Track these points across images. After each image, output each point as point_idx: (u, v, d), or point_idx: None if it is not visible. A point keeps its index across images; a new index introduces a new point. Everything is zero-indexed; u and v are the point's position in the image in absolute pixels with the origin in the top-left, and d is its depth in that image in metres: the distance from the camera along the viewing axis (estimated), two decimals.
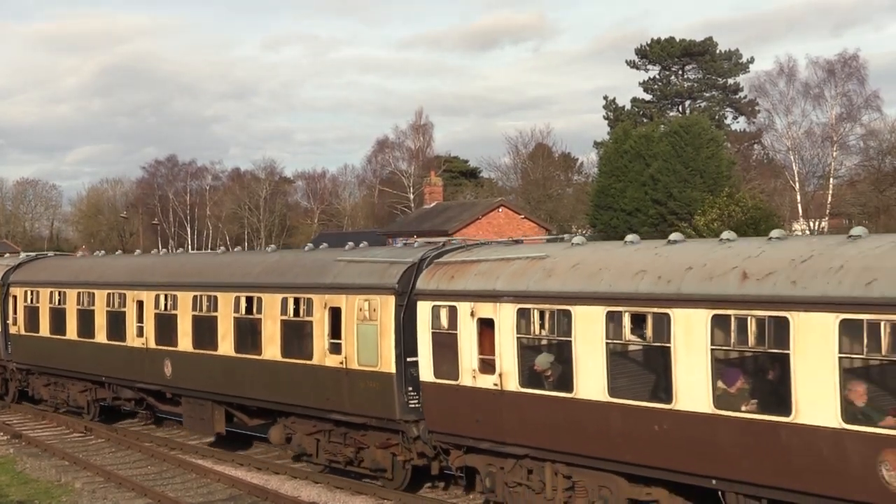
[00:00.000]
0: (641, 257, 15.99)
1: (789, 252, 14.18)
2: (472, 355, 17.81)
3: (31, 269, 33.09)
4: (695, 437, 14.61)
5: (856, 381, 12.92)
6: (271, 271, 23.19)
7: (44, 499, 21.58)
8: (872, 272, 12.76)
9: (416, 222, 74.62)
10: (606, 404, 15.68)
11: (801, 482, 13.44)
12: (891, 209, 70.62)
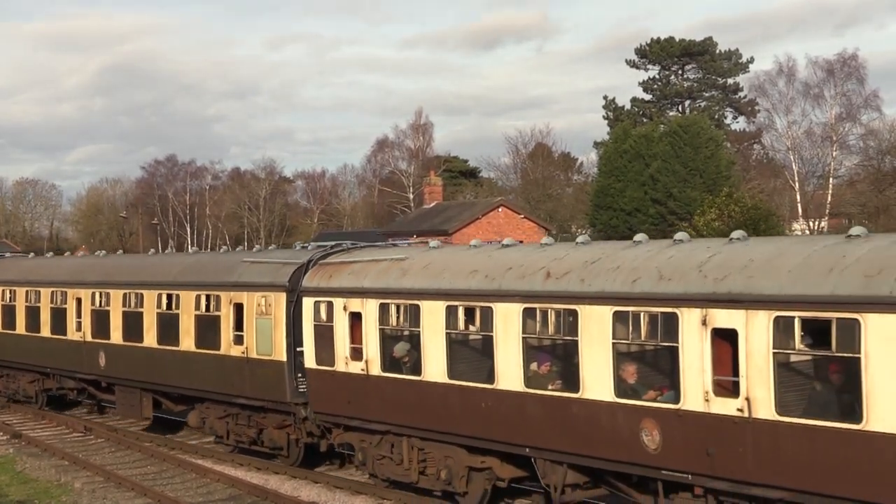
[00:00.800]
0: (476, 259, 18.64)
1: (584, 255, 16.83)
2: (344, 344, 20.35)
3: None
4: (511, 413, 17.18)
5: (626, 363, 15.62)
6: (188, 271, 25.86)
7: (43, 498, 21.59)
8: (638, 272, 15.52)
9: (415, 222, 74.61)
10: (447, 385, 18.25)
11: (589, 448, 16.10)
12: (890, 209, 70.62)
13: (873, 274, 12.87)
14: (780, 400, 13.63)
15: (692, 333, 14.45)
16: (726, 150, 76.17)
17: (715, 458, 14.33)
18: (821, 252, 13.93)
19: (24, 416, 32.48)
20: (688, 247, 15.89)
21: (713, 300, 14.26)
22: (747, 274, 14.17)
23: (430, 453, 19.28)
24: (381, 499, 20.35)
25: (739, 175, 75.33)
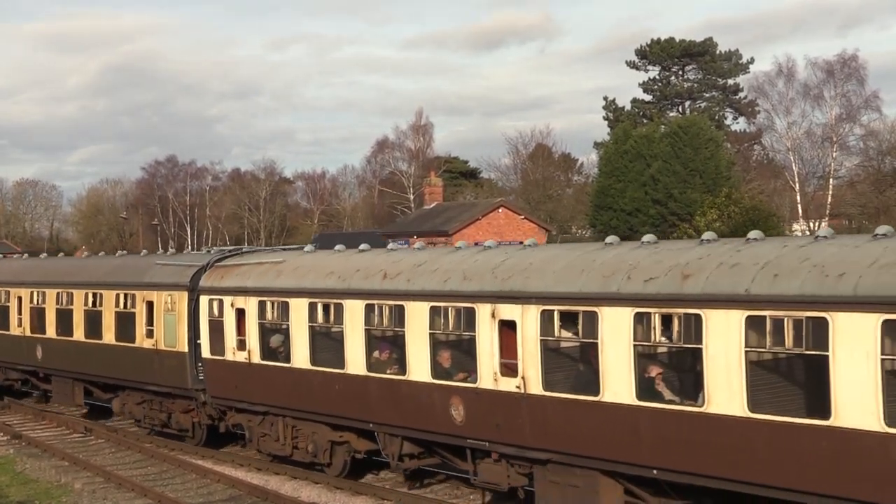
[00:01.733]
0: (335, 262, 21.51)
1: (415, 259, 19.80)
2: (232, 336, 23.23)
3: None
4: (358, 393, 20.16)
5: (441, 349, 18.55)
6: (110, 273, 28.81)
7: (44, 499, 21.60)
8: (449, 273, 18.51)
9: (415, 223, 74.62)
10: (311, 371, 21.09)
11: (415, 422, 19.13)
12: (891, 210, 70.60)
13: (608, 275, 15.95)
14: (546, 378, 16.66)
15: (485, 324, 17.45)
16: (726, 151, 76.19)
17: (502, 428, 17.35)
18: (579, 257, 17.03)
19: (24, 417, 32.51)
20: (491, 252, 18.83)
21: (500, 296, 17.28)
22: (525, 275, 17.20)
23: (300, 430, 22.29)
24: (380, 499, 20.37)
25: (739, 176, 75.35)
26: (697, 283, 14.68)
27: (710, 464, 14.51)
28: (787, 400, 14.20)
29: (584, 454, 16.23)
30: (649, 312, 15.13)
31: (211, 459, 24.95)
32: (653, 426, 15.17)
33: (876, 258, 13.18)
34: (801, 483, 13.52)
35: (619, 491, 16.37)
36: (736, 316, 14.06)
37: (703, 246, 15.72)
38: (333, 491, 21.21)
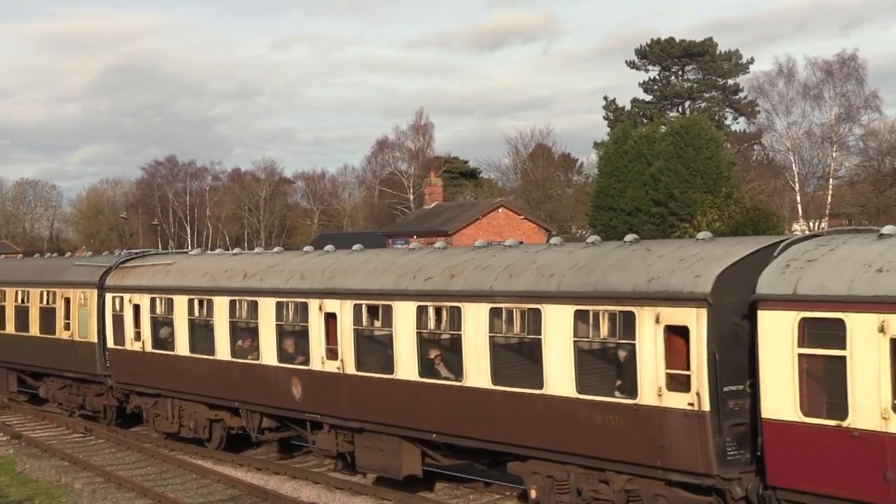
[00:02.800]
0: (210, 264, 25.15)
1: (270, 261, 23.33)
2: (130, 329, 26.62)
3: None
4: (224, 376, 23.51)
5: (286, 338, 21.94)
6: (37, 273, 32.48)
7: (44, 499, 21.59)
8: (292, 273, 21.98)
9: (415, 223, 74.62)
10: (189, 358, 24.60)
11: (267, 399, 22.55)
12: (890, 209, 70.62)
13: (401, 275, 19.42)
14: (359, 361, 20.06)
15: (315, 316, 20.85)
16: (726, 151, 76.19)
17: (329, 403, 20.69)
18: (384, 261, 20.49)
19: (24, 417, 32.51)
20: (326, 256, 22.40)
21: (325, 293, 20.69)
22: (344, 276, 20.67)
23: (185, 410, 25.61)
24: (380, 499, 20.37)
25: (740, 176, 75.35)
26: (459, 281, 18.25)
27: (469, 427, 18.14)
28: (518, 374, 17.43)
29: (387, 423, 19.67)
30: (427, 305, 18.63)
31: (211, 459, 24.95)
32: (430, 398, 18.71)
33: (576, 262, 16.86)
34: (526, 439, 17.12)
35: (417, 453, 19.74)
36: (484, 308, 17.55)
37: (474, 251, 19.37)
38: (333, 491, 21.21)
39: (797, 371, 13.53)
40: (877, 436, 12.80)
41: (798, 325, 13.51)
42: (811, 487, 13.62)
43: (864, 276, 13.10)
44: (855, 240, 14.23)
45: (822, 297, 13.28)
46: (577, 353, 16.15)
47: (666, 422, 15.10)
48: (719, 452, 14.56)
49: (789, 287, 13.71)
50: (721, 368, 14.53)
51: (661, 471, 15.31)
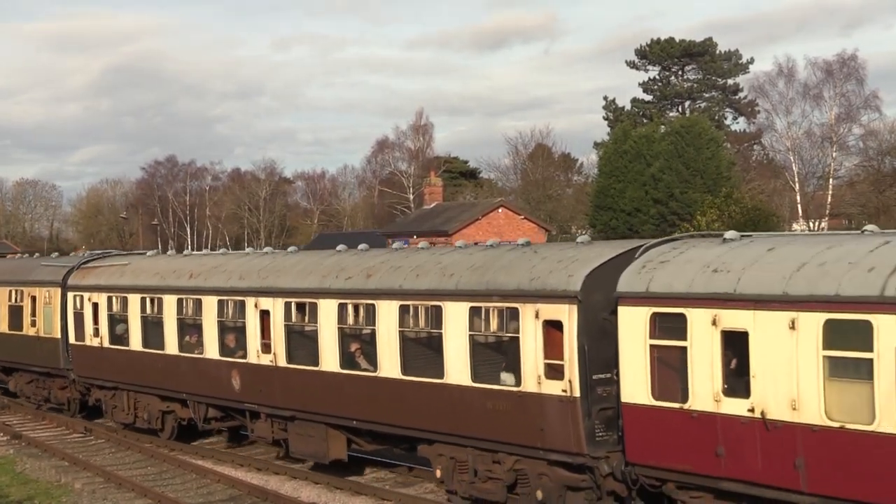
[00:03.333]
0: (161, 264, 27.33)
1: (214, 262, 25.44)
2: (90, 325, 28.31)
3: None
4: (174, 370, 25.29)
5: (227, 333, 23.56)
6: (5, 272, 34.16)
7: (44, 499, 21.59)
8: (232, 273, 23.85)
9: (415, 223, 74.61)
10: (143, 352, 26.38)
11: (211, 391, 24.26)
12: (890, 209, 70.62)
13: (326, 275, 21.11)
14: (289, 354, 21.76)
15: (251, 313, 22.58)
16: (726, 151, 76.15)
17: (264, 393, 22.38)
18: (312, 262, 22.21)
19: (24, 417, 32.51)
20: (263, 257, 24.35)
21: (260, 292, 22.45)
22: (277, 275, 22.43)
23: (140, 402, 27.31)
24: (380, 499, 20.37)
25: (740, 176, 75.32)
26: (374, 280, 19.87)
27: (385, 414, 19.64)
28: (424, 365, 18.91)
29: (315, 411, 21.27)
30: (347, 303, 20.34)
31: (211, 459, 24.95)
32: (351, 388, 20.33)
33: (473, 263, 18.52)
34: (432, 424, 18.68)
35: (343, 439, 21.40)
36: (394, 305, 19.15)
37: (389, 253, 21.24)
38: (333, 491, 21.22)
39: (649, 360, 15.31)
40: (710, 416, 14.60)
41: (650, 319, 15.26)
42: (661, 463, 15.40)
43: (702, 276, 14.89)
44: (702, 244, 16.05)
45: (669, 295, 15.06)
46: (472, 345, 17.87)
47: (544, 407, 16.77)
48: (589, 434, 16.27)
49: (643, 286, 15.48)
50: (590, 358, 16.21)
51: (541, 451, 16.93)
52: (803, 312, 13.60)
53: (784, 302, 13.80)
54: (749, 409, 14.15)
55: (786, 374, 13.75)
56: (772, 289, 14.00)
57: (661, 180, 67.88)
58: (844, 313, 13.26)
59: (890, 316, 12.81)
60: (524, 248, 18.69)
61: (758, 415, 14.06)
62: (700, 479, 14.96)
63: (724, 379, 14.45)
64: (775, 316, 13.89)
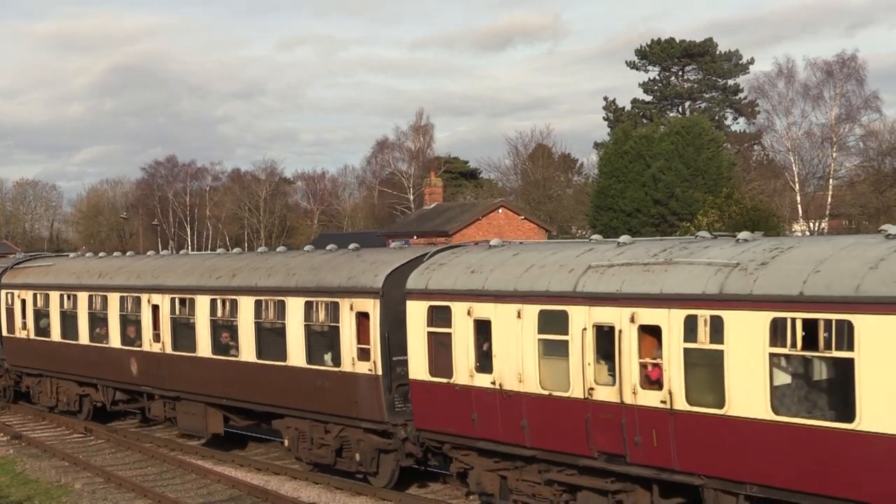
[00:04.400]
0: (78, 265, 31.08)
1: (119, 263, 29.51)
2: (19, 320, 32.15)
3: None
4: (86, 358, 29.05)
5: (128, 325, 27.28)
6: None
7: (44, 499, 21.59)
8: (132, 273, 27.84)
9: (416, 223, 74.58)
10: (61, 343, 30.19)
11: (114, 376, 28.17)
12: (891, 210, 70.55)
13: (202, 275, 25.18)
14: (174, 343, 25.69)
15: (145, 308, 26.68)
16: (727, 151, 76.10)
17: (155, 377, 26.47)
18: (196, 264, 26.23)
19: (24, 417, 32.53)
20: (159, 259, 28.74)
21: (152, 289, 26.42)
22: (166, 275, 26.43)
23: (61, 387, 30.92)
24: (380, 500, 20.37)
25: (740, 176, 75.26)
26: (237, 279, 23.81)
27: (246, 393, 23.67)
28: (273, 351, 22.71)
29: (195, 392, 25.18)
30: (216, 298, 24.14)
31: (211, 460, 24.96)
32: (221, 371, 24.13)
33: (311, 265, 22.25)
34: (280, 401, 22.61)
35: (220, 416, 25.17)
36: (251, 300, 23.10)
37: (252, 257, 25.15)
38: (333, 491, 21.23)
39: (427, 344, 18.89)
40: (467, 389, 18.24)
41: (428, 311, 18.84)
42: (438, 428, 19.00)
43: (463, 276, 18.51)
44: (473, 250, 19.75)
45: (440, 291, 18.71)
46: (308, 333, 21.72)
47: (357, 384, 20.54)
48: (389, 406, 20.02)
49: (424, 284, 19.12)
50: (391, 343, 19.88)
51: (357, 420, 20.71)
52: (526, 304, 17.15)
53: (514, 296, 17.36)
54: (492, 382, 17.76)
55: (515, 354, 17.32)
56: (507, 286, 17.56)
57: (662, 181, 67.84)
58: (551, 305, 16.72)
59: (580, 307, 16.26)
60: (352, 252, 22.44)
61: (497, 386, 17.68)
62: (463, 440, 18.55)
63: (476, 358, 18.03)
64: (508, 308, 17.43)
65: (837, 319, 13.23)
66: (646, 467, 15.58)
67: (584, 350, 16.13)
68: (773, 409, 13.96)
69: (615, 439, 15.86)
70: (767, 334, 13.95)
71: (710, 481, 14.90)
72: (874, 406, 12.86)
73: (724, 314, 14.47)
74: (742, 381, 14.25)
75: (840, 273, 13.51)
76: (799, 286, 13.74)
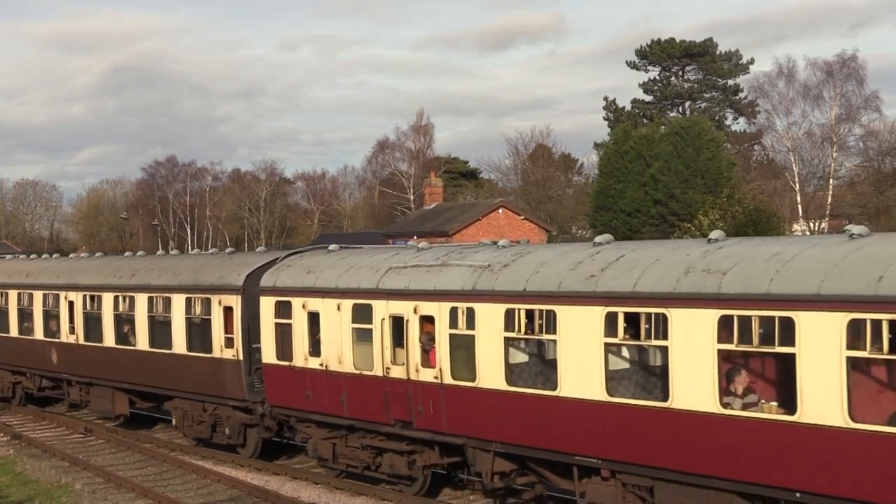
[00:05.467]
0: (8, 266, 34.86)
1: (45, 264, 33.11)
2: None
3: None
4: (15, 349, 32.57)
5: (49, 320, 30.54)
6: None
7: (44, 499, 21.58)
8: (53, 273, 31.40)
9: (416, 223, 74.57)
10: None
11: (40, 365, 31.52)
12: (891, 210, 70.60)
13: (108, 274, 28.91)
14: (86, 334, 29.07)
15: (63, 303, 30.05)
16: (727, 152, 76.07)
17: (72, 366, 29.80)
18: (106, 265, 29.70)
19: (24, 417, 32.51)
20: (78, 261, 32.18)
21: (69, 287, 29.90)
22: (81, 274, 30.03)
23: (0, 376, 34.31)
24: (380, 499, 20.36)
25: (740, 176, 75.25)
26: (136, 279, 27.61)
27: (143, 378, 27.14)
28: (163, 340, 26.21)
29: (103, 377, 28.70)
30: (119, 295, 27.94)
31: (211, 460, 24.96)
32: (124, 359, 27.79)
33: (193, 266, 26.20)
34: (169, 385, 26.16)
35: (126, 399, 28.71)
36: (145, 296, 26.85)
37: (151, 259, 29.42)
38: (333, 491, 21.22)
39: (275, 332, 22.31)
40: (302, 370, 21.58)
41: (275, 305, 22.33)
42: (284, 404, 22.49)
43: (301, 276, 22.03)
44: (318, 254, 23.16)
45: (284, 288, 22.21)
46: (188, 325, 25.37)
47: (224, 367, 24.19)
48: (249, 386, 23.67)
49: (273, 282, 22.61)
50: (251, 333, 23.34)
51: (225, 399, 24.40)
52: (344, 299, 20.62)
53: (335, 293, 20.82)
54: (320, 364, 21.17)
55: (336, 340, 20.79)
56: (331, 284, 21.04)
57: (662, 181, 67.83)
58: (361, 299, 20.25)
59: (380, 301, 19.76)
60: (226, 255, 26.95)
61: (324, 368, 21.09)
62: (302, 413, 21.96)
63: (309, 345, 21.43)
64: (331, 302, 20.88)
65: (547, 310, 16.71)
66: (426, 431, 19.10)
67: (383, 336, 19.69)
68: (508, 382, 17.45)
69: (405, 409, 19.38)
70: (503, 321, 17.35)
71: (470, 441, 18.36)
72: (570, 377, 16.41)
73: (475, 306, 17.94)
74: (488, 360, 17.67)
75: (551, 273, 16.98)
76: (523, 284, 17.24)
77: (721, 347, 14.28)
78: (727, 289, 14.22)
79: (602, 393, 15.89)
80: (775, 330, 13.61)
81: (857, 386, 13.13)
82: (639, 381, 16.30)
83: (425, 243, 21.38)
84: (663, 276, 15.17)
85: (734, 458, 14.26)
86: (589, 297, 16.06)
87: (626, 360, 16.59)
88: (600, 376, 15.87)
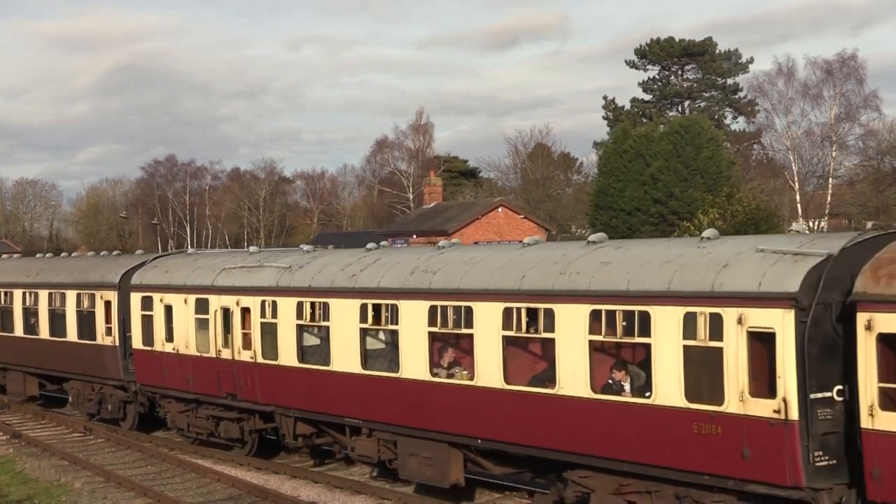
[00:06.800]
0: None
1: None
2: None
3: None
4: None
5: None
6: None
7: (43, 499, 21.57)
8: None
9: (415, 222, 74.56)
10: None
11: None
12: (890, 209, 70.64)
13: (20, 274, 33.38)
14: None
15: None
16: (726, 151, 76.10)
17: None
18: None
19: (23, 416, 32.51)
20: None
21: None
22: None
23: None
24: (380, 499, 20.36)
25: (739, 175, 75.28)
26: (39, 277, 32.03)
27: (46, 363, 31.34)
28: (60, 329, 30.38)
29: (16, 364, 32.89)
30: (26, 291, 32.31)
31: (211, 459, 24.95)
32: (31, 347, 31.90)
33: (83, 267, 30.52)
34: (65, 368, 30.42)
35: (35, 382, 32.64)
36: (46, 292, 31.22)
37: (63, 260, 33.81)
38: (333, 490, 21.21)
39: (141, 322, 26.56)
40: (161, 353, 25.94)
41: (141, 300, 26.64)
42: (149, 382, 26.69)
43: (161, 275, 26.36)
44: (175, 256, 28.14)
45: (148, 286, 26.48)
46: (78, 317, 29.48)
47: (105, 352, 28.31)
48: (125, 368, 27.61)
49: (140, 280, 26.93)
50: (125, 323, 27.54)
51: (107, 380, 28.69)
52: (189, 294, 24.80)
53: (183, 289, 25.22)
54: (173, 348, 25.43)
55: (184, 328, 25.01)
56: (181, 281, 25.28)
57: (661, 180, 67.86)
58: (201, 294, 24.44)
59: (214, 295, 23.91)
60: (111, 257, 31.36)
61: (176, 351, 25.36)
62: (162, 390, 26.28)
63: (165, 332, 25.63)
64: (180, 296, 25.16)
65: (322, 302, 20.90)
66: (248, 402, 23.31)
67: (216, 324, 23.82)
68: (300, 360, 21.63)
69: (232, 384, 23.55)
70: (295, 313, 21.51)
71: (277, 409, 22.63)
72: (339, 355, 20.40)
73: (277, 299, 22.05)
74: (286, 343, 21.88)
75: (328, 273, 21.08)
76: (309, 281, 21.34)
77: (431, 330, 18.39)
78: (435, 285, 18.42)
79: (359, 367, 20.01)
80: (462, 317, 17.84)
81: (512, 358, 17.37)
82: (386, 357, 20.16)
83: (255, 248, 26.36)
84: (398, 275, 19.37)
85: (441, 415, 18.42)
86: (349, 291, 20.12)
87: (380, 341, 20.67)
88: (357, 354, 19.99)
